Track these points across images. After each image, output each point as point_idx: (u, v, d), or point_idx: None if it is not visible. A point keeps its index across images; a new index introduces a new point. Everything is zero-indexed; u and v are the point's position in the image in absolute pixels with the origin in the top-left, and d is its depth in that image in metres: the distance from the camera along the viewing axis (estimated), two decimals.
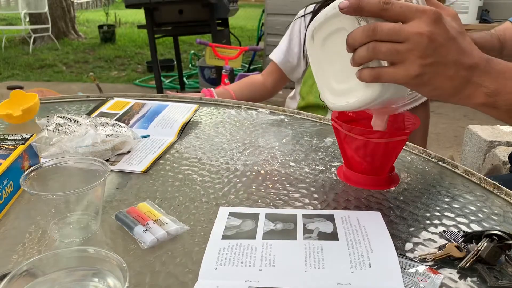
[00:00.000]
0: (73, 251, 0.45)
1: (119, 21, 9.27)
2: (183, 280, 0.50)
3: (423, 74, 0.52)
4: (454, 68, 0.53)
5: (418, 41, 0.51)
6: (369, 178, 0.70)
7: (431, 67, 0.52)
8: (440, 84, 0.54)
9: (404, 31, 0.51)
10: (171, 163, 0.79)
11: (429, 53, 0.51)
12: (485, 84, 0.54)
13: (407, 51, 0.51)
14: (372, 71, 0.54)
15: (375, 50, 0.52)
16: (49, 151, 0.74)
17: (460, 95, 0.55)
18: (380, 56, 0.53)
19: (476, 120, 3.54)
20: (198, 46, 6.37)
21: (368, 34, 0.52)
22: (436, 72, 0.53)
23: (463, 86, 0.54)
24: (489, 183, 0.71)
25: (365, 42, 0.53)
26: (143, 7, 3.71)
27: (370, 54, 0.53)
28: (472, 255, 0.51)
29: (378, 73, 0.54)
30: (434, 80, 0.53)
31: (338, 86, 0.61)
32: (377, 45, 0.52)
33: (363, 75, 0.55)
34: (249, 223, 0.59)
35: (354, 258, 0.52)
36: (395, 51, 0.52)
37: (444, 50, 0.52)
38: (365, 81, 0.55)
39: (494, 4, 3.91)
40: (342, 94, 0.60)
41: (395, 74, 0.53)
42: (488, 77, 0.55)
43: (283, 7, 4.32)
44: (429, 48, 0.51)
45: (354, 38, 0.53)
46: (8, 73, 5.44)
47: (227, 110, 1.07)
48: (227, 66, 3.44)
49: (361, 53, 0.54)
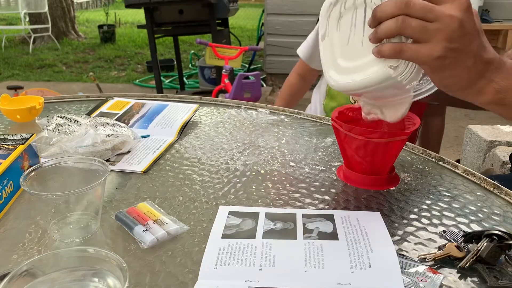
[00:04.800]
0: (73, 251, 0.45)
1: (119, 21, 9.27)
2: (183, 280, 0.50)
3: (445, 58, 0.52)
4: (473, 59, 0.54)
5: (448, 23, 0.51)
6: (369, 178, 0.70)
7: (454, 52, 0.52)
8: (457, 72, 0.54)
9: (437, 10, 0.51)
10: (171, 163, 0.79)
11: (456, 38, 0.52)
12: (496, 80, 0.55)
13: (436, 30, 0.51)
14: (395, 44, 0.53)
15: (405, 24, 0.52)
16: (49, 151, 0.74)
17: (472, 88, 0.56)
18: (408, 31, 0.52)
19: (476, 120, 3.54)
20: (198, 46, 6.37)
21: (400, 6, 0.52)
22: (457, 58, 0.53)
23: (477, 79, 0.55)
24: (489, 183, 0.71)
25: (395, 15, 0.52)
26: (143, 7, 3.70)
27: (399, 27, 0.52)
28: (472, 255, 0.51)
29: (401, 48, 0.53)
30: (453, 67, 0.54)
31: (345, 63, 0.60)
32: (408, 19, 0.52)
33: (383, 50, 0.54)
34: (249, 222, 0.59)
35: (354, 258, 0.52)
36: (425, 28, 0.51)
37: (469, 39, 0.53)
38: (384, 56, 0.54)
39: (494, 4, 3.91)
40: (348, 72, 0.59)
41: (418, 51, 0.52)
42: (500, 74, 0.55)
43: (283, 7, 4.32)
44: (457, 32, 0.51)
45: (383, 10, 0.53)
46: (8, 73, 5.43)
47: (227, 110, 1.07)
48: (227, 66, 3.44)
49: (388, 25, 0.53)
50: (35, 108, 0.96)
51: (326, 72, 0.63)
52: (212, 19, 3.79)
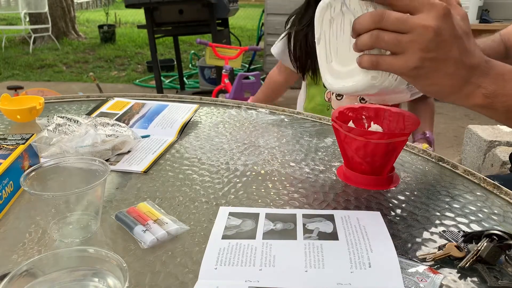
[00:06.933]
0: (73, 251, 0.45)
1: (119, 21, 9.27)
2: (183, 280, 0.50)
3: (422, 68, 0.52)
4: (454, 66, 0.53)
5: (422, 33, 0.51)
6: (369, 178, 0.70)
7: (431, 61, 0.52)
8: (438, 80, 0.54)
9: (410, 22, 0.51)
10: (171, 163, 0.79)
11: (432, 47, 0.51)
12: (483, 85, 0.54)
13: (409, 42, 0.51)
14: (371, 57, 0.54)
15: (378, 38, 0.52)
16: (49, 151, 0.74)
17: (458, 94, 0.55)
18: (381, 45, 0.53)
19: (476, 120, 3.54)
20: (198, 46, 6.37)
21: (375, 20, 0.52)
22: (436, 67, 0.53)
23: (462, 85, 0.54)
24: (489, 183, 0.71)
25: (371, 29, 0.53)
26: (143, 7, 3.71)
27: (373, 41, 0.53)
28: (472, 255, 0.51)
29: (377, 60, 0.54)
30: (432, 75, 0.53)
31: (338, 68, 0.62)
32: (381, 33, 0.52)
33: (363, 61, 0.55)
34: (249, 223, 0.59)
35: (354, 258, 0.52)
36: (397, 41, 0.52)
37: (447, 46, 0.52)
38: (364, 67, 0.55)
39: (494, 4, 3.91)
40: (341, 77, 0.61)
41: (393, 63, 0.53)
42: (487, 79, 0.54)
43: (283, 7, 4.32)
44: (433, 42, 0.51)
45: (360, 23, 0.54)
46: (8, 73, 5.43)
47: (227, 110, 1.07)
48: (227, 66, 3.45)
49: (364, 39, 0.54)
50: (35, 108, 0.96)
51: (323, 75, 0.65)
52: (212, 19, 3.79)
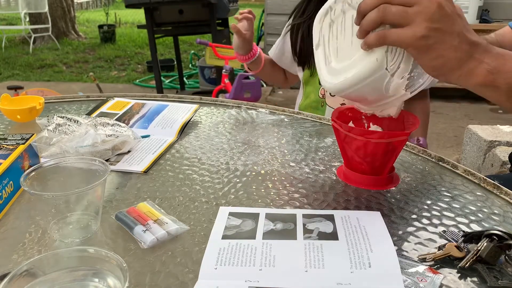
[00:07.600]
0: (73, 251, 0.45)
1: (119, 21, 9.27)
2: (183, 280, 0.50)
3: (429, 37, 0.54)
4: (458, 39, 0.55)
5: (427, 5, 0.53)
6: (369, 178, 0.69)
7: (437, 32, 0.54)
8: (444, 52, 0.55)
9: None
10: (171, 163, 0.79)
11: (436, 18, 0.53)
12: (486, 60, 0.56)
13: (415, 13, 0.54)
14: (378, 33, 0.56)
15: (386, 11, 0.55)
16: (49, 151, 0.74)
17: (462, 69, 0.56)
18: (389, 17, 0.55)
19: (476, 120, 3.54)
20: (198, 46, 6.37)
21: None
22: (442, 38, 0.54)
23: (466, 59, 0.56)
24: (489, 183, 0.71)
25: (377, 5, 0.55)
26: (143, 7, 3.71)
27: (380, 15, 0.55)
28: (472, 255, 0.51)
29: (384, 34, 0.55)
30: (438, 47, 0.55)
31: (338, 66, 0.63)
32: (388, 6, 0.55)
33: (369, 40, 0.57)
34: (249, 223, 0.59)
35: (354, 258, 0.52)
36: (404, 12, 0.54)
37: (450, 20, 0.54)
38: (371, 45, 0.57)
39: (494, 4, 3.91)
40: (341, 72, 0.62)
41: (401, 34, 0.54)
42: (489, 55, 0.56)
43: (283, 7, 4.32)
44: (437, 14, 0.53)
45: (366, 3, 0.56)
46: (8, 73, 5.44)
47: (227, 110, 1.07)
48: (227, 66, 3.44)
49: (371, 15, 0.56)
50: (35, 108, 0.96)
51: (321, 78, 0.66)
52: (212, 19, 3.79)
